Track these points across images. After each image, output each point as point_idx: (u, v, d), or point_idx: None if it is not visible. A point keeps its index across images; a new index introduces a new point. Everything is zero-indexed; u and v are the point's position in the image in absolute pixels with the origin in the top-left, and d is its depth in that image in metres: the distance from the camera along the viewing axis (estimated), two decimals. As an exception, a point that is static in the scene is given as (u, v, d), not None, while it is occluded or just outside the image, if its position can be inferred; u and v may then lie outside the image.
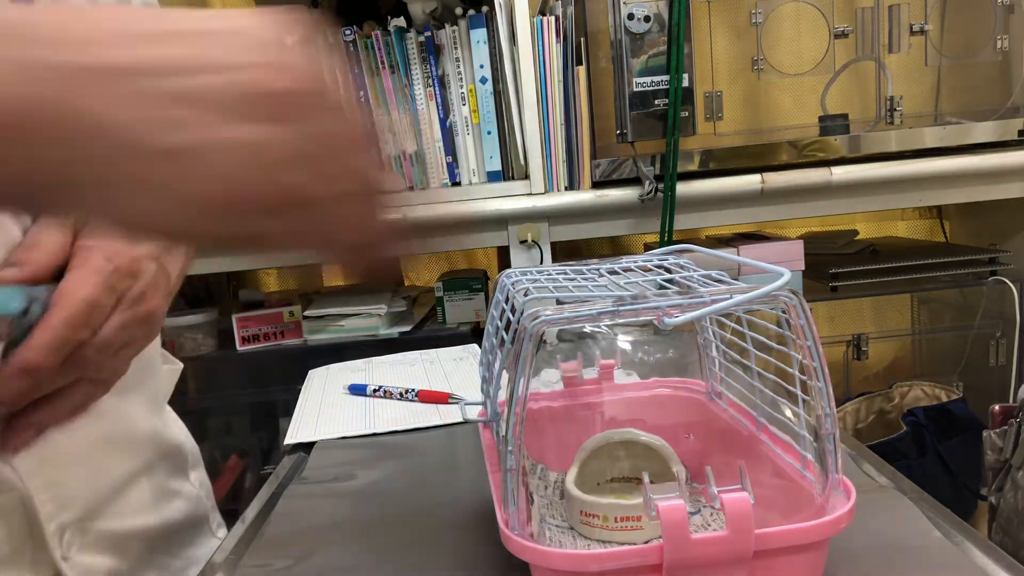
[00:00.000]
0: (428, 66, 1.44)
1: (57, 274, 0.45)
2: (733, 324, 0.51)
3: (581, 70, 1.41)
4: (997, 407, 1.10)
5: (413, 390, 0.85)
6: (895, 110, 1.48)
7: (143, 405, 0.63)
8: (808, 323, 0.43)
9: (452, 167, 1.47)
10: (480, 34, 1.41)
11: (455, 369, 0.97)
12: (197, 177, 0.27)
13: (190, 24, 0.28)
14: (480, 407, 0.58)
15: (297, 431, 0.79)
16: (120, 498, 0.58)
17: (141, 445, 0.62)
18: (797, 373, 0.44)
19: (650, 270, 0.47)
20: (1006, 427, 1.06)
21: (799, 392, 0.45)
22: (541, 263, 1.43)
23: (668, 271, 0.51)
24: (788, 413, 0.47)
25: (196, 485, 0.70)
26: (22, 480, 0.50)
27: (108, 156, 0.26)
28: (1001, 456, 1.06)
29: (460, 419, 0.78)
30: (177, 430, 0.69)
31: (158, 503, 0.63)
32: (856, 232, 1.86)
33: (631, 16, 1.36)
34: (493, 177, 1.46)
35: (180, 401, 0.73)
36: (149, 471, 0.63)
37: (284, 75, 0.28)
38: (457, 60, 1.43)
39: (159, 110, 0.27)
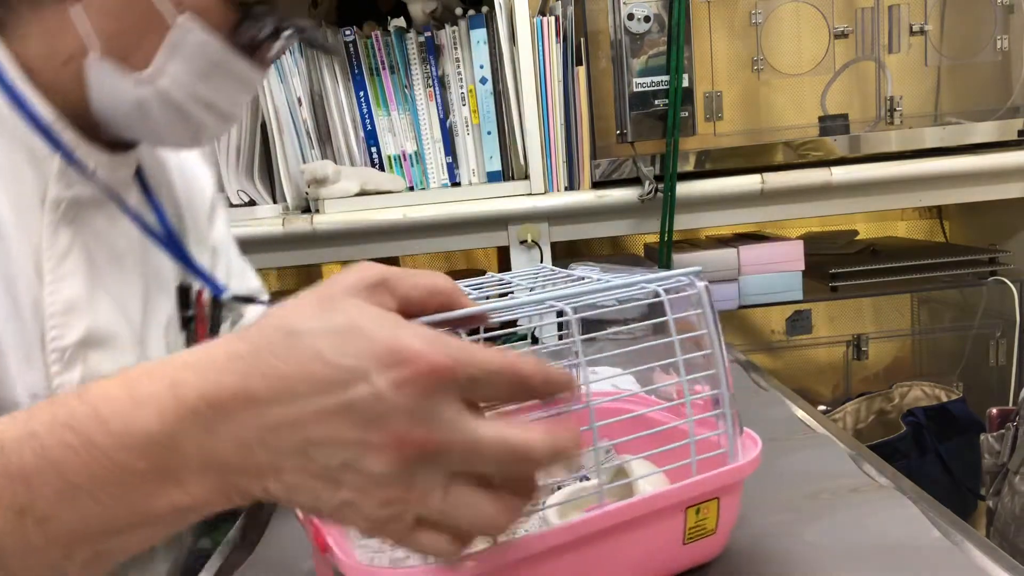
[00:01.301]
0: (428, 66, 1.44)
1: None
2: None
3: (581, 70, 1.41)
4: (995, 410, 1.09)
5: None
6: (895, 110, 1.48)
7: None
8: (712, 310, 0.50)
9: (452, 167, 1.47)
10: (480, 34, 1.41)
11: (455, 369, 0.96)
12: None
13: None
14: None
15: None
16: None
17: None
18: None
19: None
20: (1003, 431, 1.05)
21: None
22: (541, 263, 1.43)
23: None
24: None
25: None
26: None
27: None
28: (998, 460, 1.05)
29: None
30: None
31: None
32: (856, 232, 1.86)
33: (631, 16, 1.37)
34: (493, 177, 1.46)
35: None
36: None
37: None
38: (457, 60, 1.43)
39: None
